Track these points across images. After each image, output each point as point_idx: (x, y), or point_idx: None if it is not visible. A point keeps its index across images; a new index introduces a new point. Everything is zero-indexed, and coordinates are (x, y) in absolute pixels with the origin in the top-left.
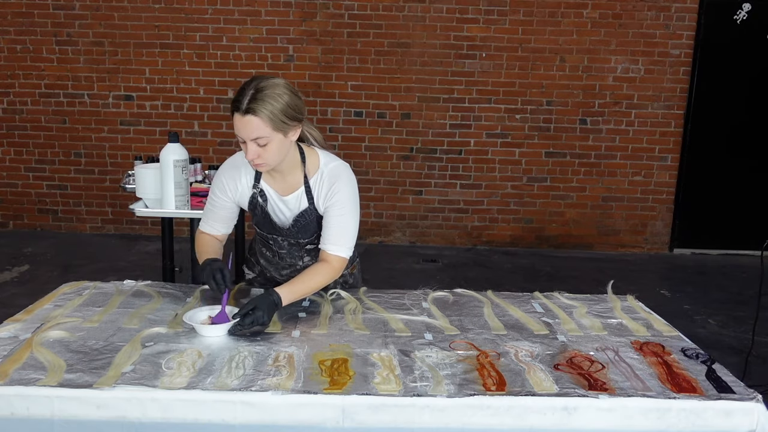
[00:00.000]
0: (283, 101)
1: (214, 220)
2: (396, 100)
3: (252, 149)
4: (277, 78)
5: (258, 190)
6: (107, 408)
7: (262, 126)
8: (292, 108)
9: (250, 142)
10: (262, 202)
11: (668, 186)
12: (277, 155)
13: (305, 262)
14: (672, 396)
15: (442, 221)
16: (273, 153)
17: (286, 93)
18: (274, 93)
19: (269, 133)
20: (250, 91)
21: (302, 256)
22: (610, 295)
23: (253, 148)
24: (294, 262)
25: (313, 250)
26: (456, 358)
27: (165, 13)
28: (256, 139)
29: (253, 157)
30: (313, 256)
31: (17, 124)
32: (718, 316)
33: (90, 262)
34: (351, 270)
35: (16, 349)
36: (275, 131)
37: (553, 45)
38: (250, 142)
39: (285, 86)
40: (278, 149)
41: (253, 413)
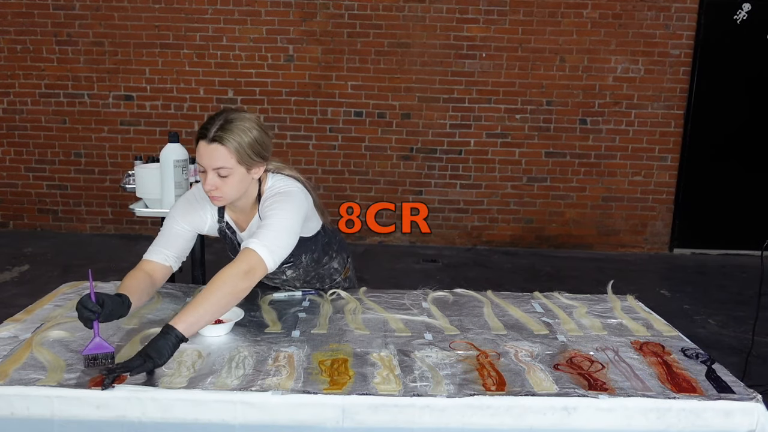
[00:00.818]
0: (251, 135)
1: (167, 247)
2: (396, 100)
3: (211, 180)
4: (248, 113)
5: (224, 224)
6: (107, 408)
7: (227, 156)
8: (259, 144)
9: (211, 171)
10: (231, 234)
11: (668, 186)
12: (236, 190)
13: (288, 275)
14: (672, 396)
15: (442, 221)
16: (232, 186)
17: (255, 128)
18: (244, 126)
19: (233, 165)
20: (220, 120)
21: (284, 271)
22: (610, 295)
23: (213, 179)
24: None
25: (292, 266)
26: (456, 358)
27: (165, 13)
28: (218, 168)
29: (210, 188)
30: (295, 268)
31: (17, 124)
32: (718, 316)
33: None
34: (344, 274)
35: (16, 349)
36: (239, 164)
37: (553, 45)
38: (211, 172)
39: (255, 121)
40: (238, 183)
41: (253, 413)
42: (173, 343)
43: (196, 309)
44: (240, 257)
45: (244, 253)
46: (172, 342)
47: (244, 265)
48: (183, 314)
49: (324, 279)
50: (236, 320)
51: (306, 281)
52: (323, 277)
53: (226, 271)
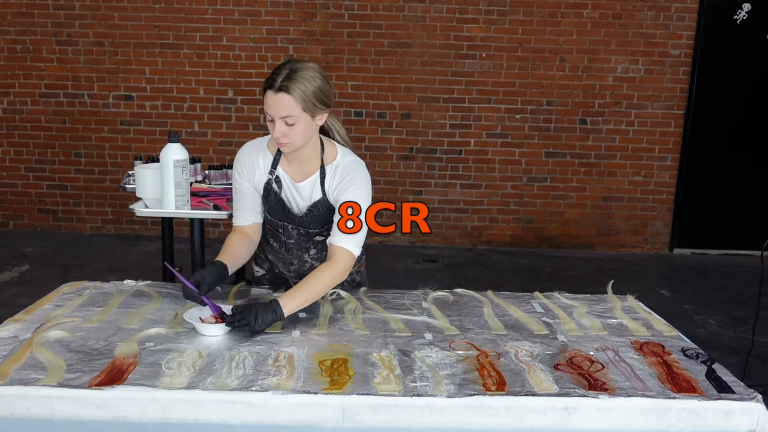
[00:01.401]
0: (315, 84)
1: (241, 208)
2: (396, 100)
3: (279, 127)
4: (311, 62)
5: (274, 176)
6: (107, 408)
7: (293, 105)
8: (322, 92)
9: (279, 120)
10: (277, 188)
11: (668, 186)
12: (303, 136)
13: (311, 255)
14: (672, 396)
15: (442, 221)
16: (299, 133)
17: (318, 77)
18: (308, 75)
19: (299, 113)
20: (285, 71)
21: (309, 248)
22: (610, 295)
23: (281, 127)
24: (300, 255)
25: (320, 242)
26: (456, 358)
27: (165, 13)
28: (285, 117)
29: (279, 135)
30: (319, 248)
31: (17, 124)
32: (718, 316)
33: (90, 262)
34: (358, 267)
35: (16, 349)
36: (304, 112)
37: (553, 45)
38: (279, 120)
39: (317, 71)
40: (304, 130)
41: (253, 413)
42: (272, 317)
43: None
44: (338, 257)
45: (340, 254)
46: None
47: (344, 265)
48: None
49: None
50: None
51: None
52: None
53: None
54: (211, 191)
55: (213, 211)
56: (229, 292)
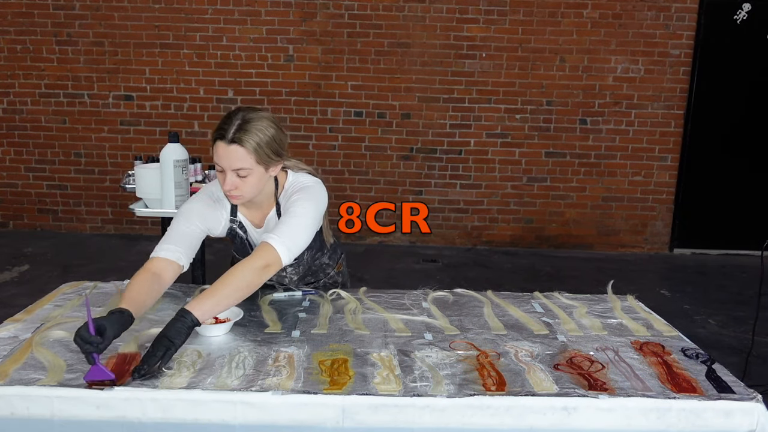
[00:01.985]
0: (268, 134)
1: (178, 244)
2: (396, 100)
3: (231, 180)
4: (263, 111)
5: (237, 223)
6: (107, 408)
7: (246, 157)
8: (276, 142)
9: (230, 172)
10: (242, 233)
11: (668, 186)
12: (255, 188)
13: (288, 272)
14: (672, 396)
15: (442, 221)
16: (251, 186)
17: (272, 126)
18: (261, 126)
19: (252, 165)
20: (237, 121)
21: (285, 268)
22: (610, 295)
23: (232, 179)
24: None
25: (295, 264)
26: (456, 358)
27: (165, 13)
28: (237, 169)
29: (230, 188)
30: (296, 266)
31: (17, 124)
32: (718, 316)
33: (90, 262)
34: (338, 268)
35: (16, 349)
36: (258, 164)
37: (553, 45)
38: (230, 173)
39: (271, 120)
40: (257, 182)
41: (253, 413)
42: (189, 326)
43: (211, 297)
44: (258, 252)
45: (262, 248)
46: (188, 325)
47: (262, 260)
48: (198, 301)
49: (317, 273)
50: (235, 320)
51: (301, 276)
52: (316, 272)
53: (244, 264)
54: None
55: None
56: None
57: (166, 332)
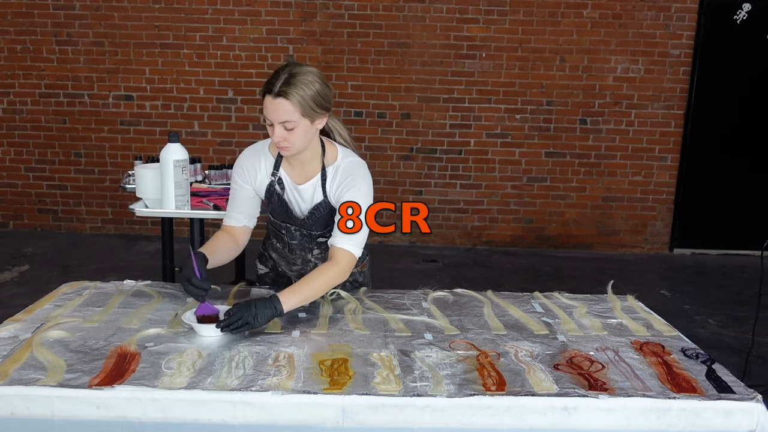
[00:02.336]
0: (314, 89)
1: (235, 209)
2: (396, 100)
3: (279, 132)
4: (310, 66)
5: (276, 178)
6: (107, 408)
7: (291, 110)
8: (321, 96)
9: (278, 125)
10: (280, 190)
11: (668, 186)
12: (302, 140)
13: (314, 255)
14: (672, 396)
15: (442, 221)
16: (298, 138)
17: (317, 81)
18: (306, 80)
19: (297, 118)
20: (284, 75)
21: (312, 249)
22: (610, 295)
23: (280, 131)
24: (304, 255)
25: (323, 243)
26: (456, 358)
27: (165, 13)
28: (284, 122)
29: (279, 139)
30: (322, 249)
31: (17, 124)
32: (718, 316)
33: (90, 262)
34: (361, 268)
35: (16, 349)
36: (303, 117)
37: (553, 45)
38: (278, 125)
39: (317, 75)
40: (304, 134)
41: (253, 413)
42: (272, 313)
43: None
44: (339, 258)
45: (341, 255)
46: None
47: (344, 266)
48: (291, 293)
49: None
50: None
51: None
52: None
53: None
54: (211, 191)
55: (213, 211)
56: (229, 292)
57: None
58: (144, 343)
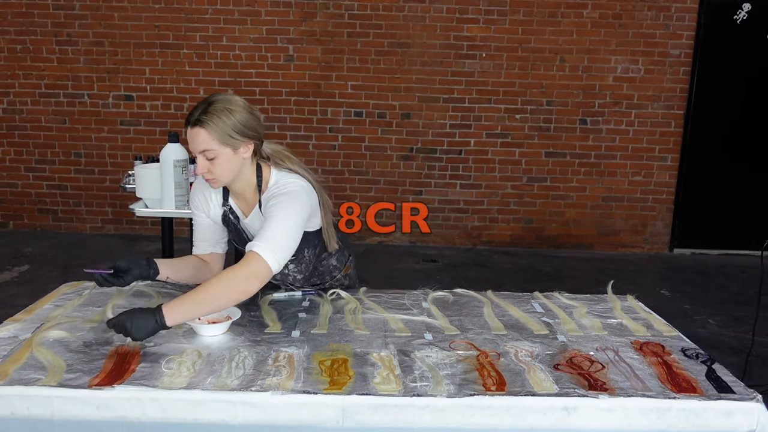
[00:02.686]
0: (233, 117)
1: (198, 238)
2: (396, 100)
3: (201, 163)
4: (234, 96)
5: (228, 208)
6: (107, 408)
7: (208, 139)
8: (242, 124)
9: (199, 155)
10: (234, 219)
11: (668, 186)
12: (227, 171)
13: (290, 270)
14: (672, 396)
15: (442, 221)
16: (222, 168)
17: (238, 109)
18: (225, 108)
19: (216, 146)
20: (203, 105)
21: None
22: (610, 295)
23: (202, 162)
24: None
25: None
26: (456, 358)
27: (165, 13)
28: (203, 151)
29: (202, 171)
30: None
31: (17, 124)
32: (718, 316)
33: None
34: (345, 271)
35: (16, 349)
36: (223, 145)
37: (553, 45)
38: (200, 155)
39: (239, 103)
40: (227, 164)
41: (253, 413)
42: (153, 327)
43: (189, 301)
44: (245, 260)
45: (249, 257)
46: (152, 326)
47: (248, 268)
48: (177, 303)
49: (324, 275)
50: (234, 319)
51: (306, 277)
52: (323, 274)
53: (230, 272)
54: None
55: None
56: None
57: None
58: (144, 343)
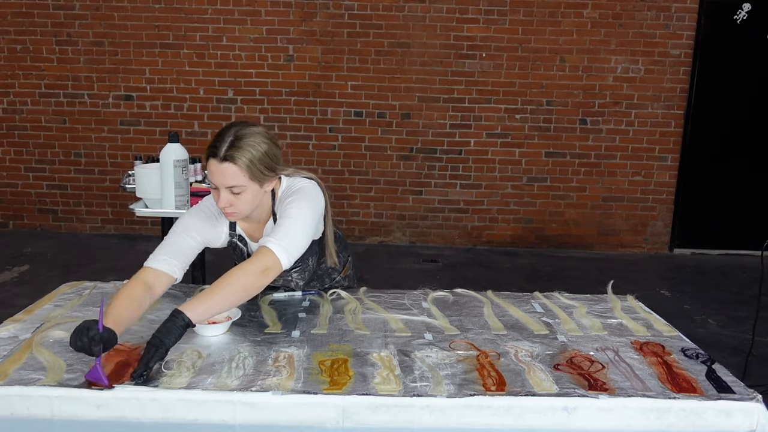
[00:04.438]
0: (261, 150)
1: (175, 257)
2: (396, 100)
3: (225, 197)
4: (257, 126)
5: (236, 236)
6: (107, 408)
7: (239, 174)
8: (270, 158)
9: (224, 189)
10: (242, 245)
11: (668, 186)
12: (250, 205)
13: (293, 278)
14: (672, 396)
15: (442, 221)
16: (246, 202)
17: (264, 142)
18: (254, 141)
19: (245, 182)
20: (229, 138)
21: (290, 273)
22: (610, 295)
23: (227, 196)
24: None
25: (299, 270)
26: (456, 358)
27: (165, 13)
28: (231, 187)
29: (224, 205)
30: (301, 272)
31: (17, 124)
32: (718, 316)
33: (90, 262)
34: (344, 273)
35: (16, 349)
36: (252, 180)
37: (553, 45)
38: (224, 190)
39: (264, 135)
40: (252, 199)
41: (253, 413)
42: (181, 326)
43: (207, 299)
44: (257, 255)
45: (261, 252)
46: (180, 326)
47: (261, 263)
48: (194, 302)
49: (323, 278)
50: (234, 319)
51: (306, 281)
52: (322, 277)
53: (242, 267)
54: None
55: None
56: None
57: (157, 333)
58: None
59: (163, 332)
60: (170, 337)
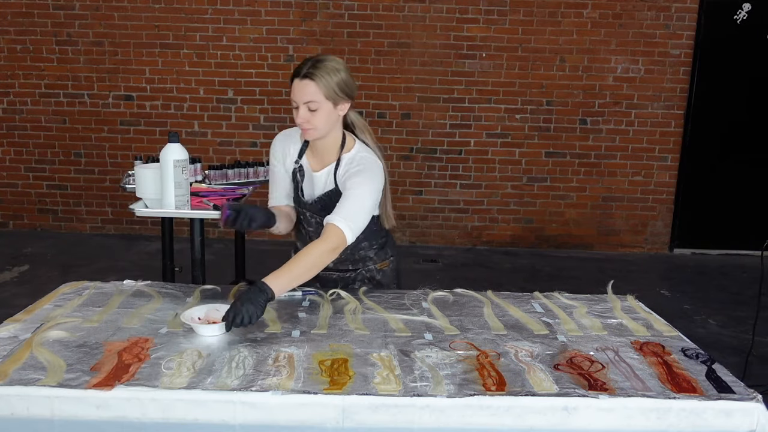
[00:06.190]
0: (338, 75)
1: (274, 190)
2: (396, 100)
3: (303, 113)
4: (338, 57)
5: (298, 166)
6: (107, 408)
7: (316, 91)
8: (344, 83)
9: (302, 105)
10: (300, 177)
11: (668, 186)
12: (325, 123)
13: None
14: (672, 396)
15: (442, 221)
16: (321, 120)
17: (342, 69)
18: (332, 66)
19: (321, 99)
20: (311, 60)
21: None
22: (610, 295)
23: (304, 113)
24: None
25: None
26: (456, 358)
27: (165, 13)
28: (308, 102)
29: (302, 120)
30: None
31: (17, 124)
32: (718, 316)
33: (90, 262)
34: (381, 266)
35: (16, 349)
36: (326, 99)
37: (553, 45)
38: (303, 106)
39: (342, 64)
40: (326, 117)
41: (253, 413)
42: (265, 300)
43: (288, 273)
44: (327, 234)
45: (330, 231)
46: (264, 299)
47: (332, 242)
48: (277, 277)
49: (357, 263)
50: None
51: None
52: (356, 261)
53: (317, 246)
54: (211, 191)
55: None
56: (229, 292)
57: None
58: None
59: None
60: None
